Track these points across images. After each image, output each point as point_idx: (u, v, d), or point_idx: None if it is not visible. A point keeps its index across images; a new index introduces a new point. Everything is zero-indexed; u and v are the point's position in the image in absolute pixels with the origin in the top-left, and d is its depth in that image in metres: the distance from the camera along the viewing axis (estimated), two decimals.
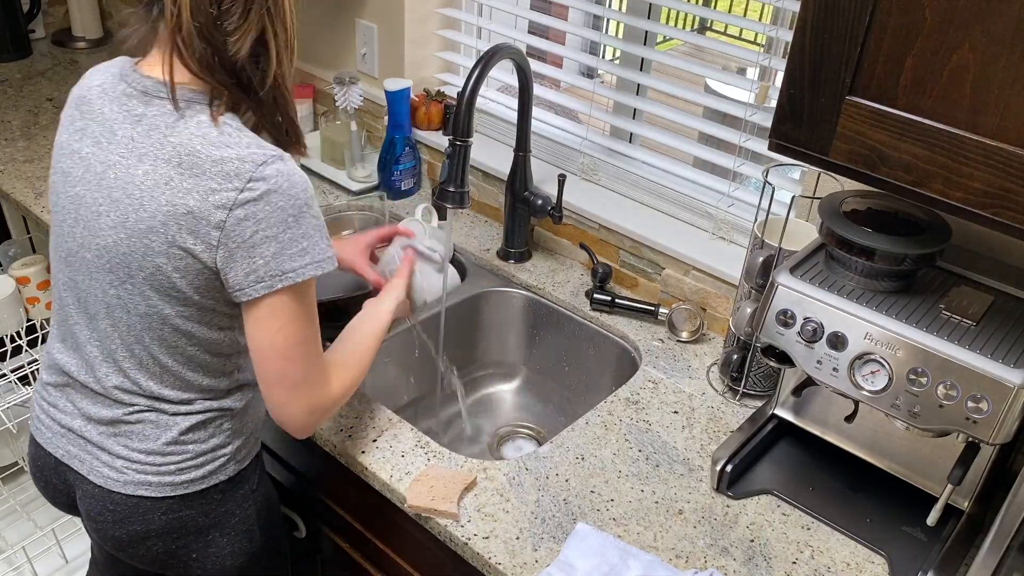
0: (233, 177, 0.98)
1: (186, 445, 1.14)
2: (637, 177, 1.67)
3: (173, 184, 1.00)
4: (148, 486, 1.14)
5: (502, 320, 1.70)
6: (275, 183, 0.99)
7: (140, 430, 1.13)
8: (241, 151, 1.00)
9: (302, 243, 1.01)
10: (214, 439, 1.15)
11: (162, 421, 1.13)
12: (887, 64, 0.88)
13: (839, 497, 1.22)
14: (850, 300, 1.08)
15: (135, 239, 1.02)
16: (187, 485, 1.15)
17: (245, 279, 1.01)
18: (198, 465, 1.15)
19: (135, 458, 1.13)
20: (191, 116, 1.02)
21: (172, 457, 1.13)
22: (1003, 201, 0.85)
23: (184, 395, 1.13)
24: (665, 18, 1.86)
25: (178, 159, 1.00)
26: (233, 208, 0.98)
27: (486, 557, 1.11)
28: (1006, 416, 0.97)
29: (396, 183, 1.86)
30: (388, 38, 1.91)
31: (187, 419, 1.13)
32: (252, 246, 0.99)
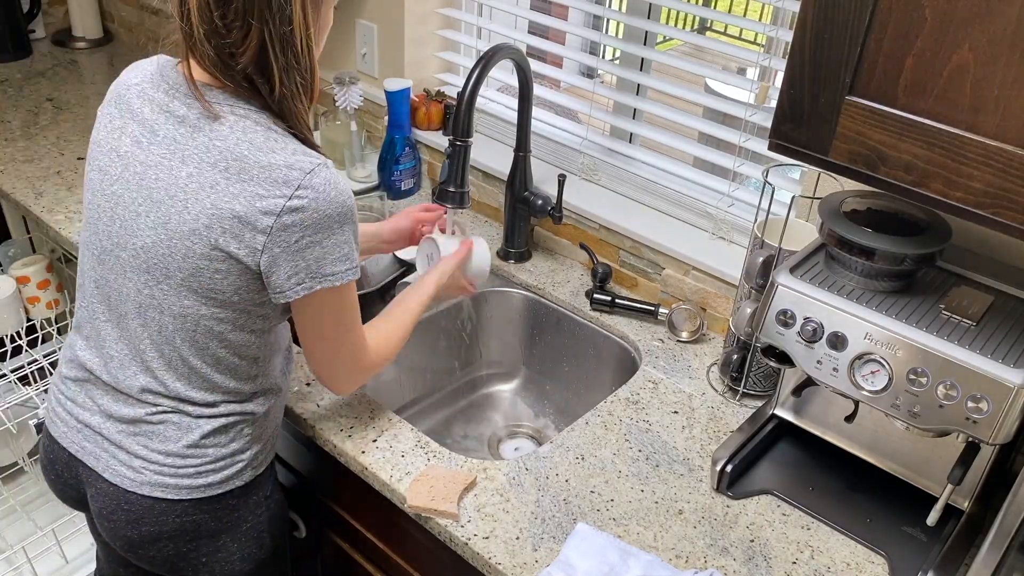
0: (281, 184, 0.99)
1: (207, 449, 1.14)
2: (637, 177, 1.67)
3: (219, 188, 1.00)
4: (165, 488, 1.14)
5: (502, 320, 1.70)
6: (323, 191, 1.00)
7: (162, 431, 1.13)
8: (288, 157, 1.00)
9: (344, 249, 1.04)
10: (234, 444, 1.16)
11: (184, 423, 1.13)
12: (887, 64, 0.88)
13: (839, 497, 1.22)
14: (850, 300, 1.08)
15: (176, 240, 1.03)
16: (204, 489, 1.15)
17: (287, 282, 1.03)
18: (216, 470, 1.15)
19: (154, 459, 1.13)
20: (236, 121, 1.02)
21: (192, 460, 1.13)
22: (1003, 201, 0.85)
23: (209, 397, 1.13)
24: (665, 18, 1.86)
25: (224, 163, 1.00)
26: (281, 215, 1.00)
27: (486, 557, 1.11)
28: (1006, 416, 0.97)
29: (396, 183, 1.86)
30: (388, 38, 1.91)
31: (210, 422, 1.13)
32: (297, 251, 1.01)
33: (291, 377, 1.29)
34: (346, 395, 1.20)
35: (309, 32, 1.01)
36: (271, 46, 0.99)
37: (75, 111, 2.18)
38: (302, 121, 1.06)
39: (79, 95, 2.27)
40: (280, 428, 1.27)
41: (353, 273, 1.06)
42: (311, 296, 1.05)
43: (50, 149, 1.99)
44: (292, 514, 1.47)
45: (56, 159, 1.95)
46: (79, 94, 2.27)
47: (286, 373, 1.24)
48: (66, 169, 1.92)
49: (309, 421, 1.30)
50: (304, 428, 1.31)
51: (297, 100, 1.04)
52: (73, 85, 2.32)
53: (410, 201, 1.89)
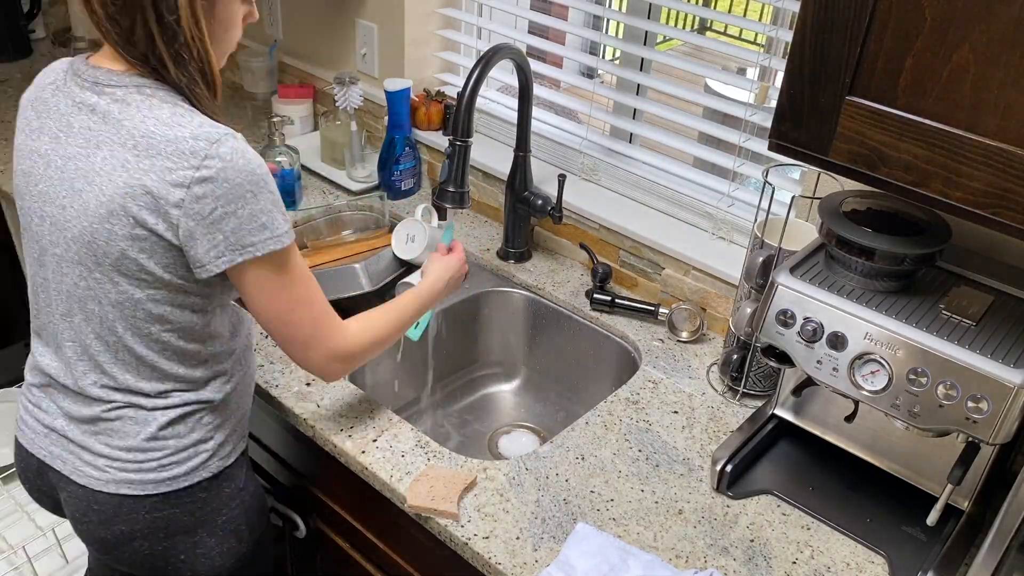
0: (188, 155, 1.00)
1: (166, 440, 1.14)
2: (637, 177, 1.67)
3: (130, 166, 1.01)
4: (131, 484, 1.14)
5: (502, 320, 1.70)
6: (231, 160, 1.00)
7: (120, 427, 1.13)
8: (194, 130, 1.01)
9: (261, 218, 1.03)
10: (194, 433, 1.15)
11: (140, 417, 1.13)
12: (887, 64, 0.88)
13: (839, 497, 1.22)
14: (850, 300, 1.08)
15: (98, 225, 1.03)
16: (169, 482, 1.15)
17: (206, 255, 1.03)
18: (179, 462, 1.15)
19: (116, 455, 1.14)
20: (142, 100, 1.03)
21: (153, 453, 1.14)
22: (1003, 201, 0.85)
23: (160, 387, 1.13)
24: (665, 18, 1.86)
25: (133, 142, 1.02)
26: (191, 186, 1.00)
27: (486, 557, 1.11)
28: (1006, 416, 0.97)
29: (396, 183, 1.86)
30: (388, 38, 1.91)
31: (165, 413, 1.13)
32: (212, 222, 1.01)
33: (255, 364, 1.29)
34: (332, 381, 1.19)
35: (199, 24, 1.02)
36: (157, 36, 1.01)
37: None
38: (208, 107, 1.07)
39: None
40: (247, 417, 1.26)
41: (276, 242, 1.04)
42: (241, 271, 1.05)
43: None
44: (292, 514, 1.47)
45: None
46: None
47: (244, 358, 1.23)
48: None
49: (309, 421, 1.30)
50: (304, 428, 1.31)
51: (196, 88, 1.05)
52: None
53: (410, 201, 1.89)
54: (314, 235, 1.78)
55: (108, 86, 1.04)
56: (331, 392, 1.35)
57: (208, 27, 1.04)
